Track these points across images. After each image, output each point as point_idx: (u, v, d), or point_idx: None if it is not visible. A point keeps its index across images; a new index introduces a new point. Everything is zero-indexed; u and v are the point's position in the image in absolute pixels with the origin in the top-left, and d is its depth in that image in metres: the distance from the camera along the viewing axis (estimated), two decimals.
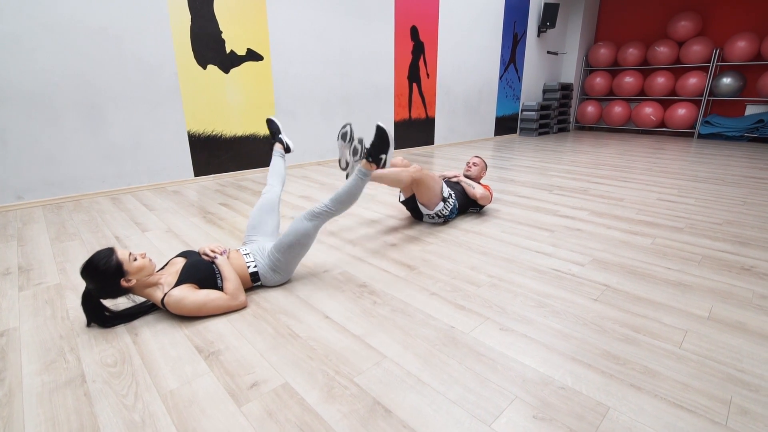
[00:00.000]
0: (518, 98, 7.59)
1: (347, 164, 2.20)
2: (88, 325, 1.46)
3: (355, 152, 2.06)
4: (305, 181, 3.84)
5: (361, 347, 1.32)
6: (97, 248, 2.21)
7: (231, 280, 1.57)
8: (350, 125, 2.15)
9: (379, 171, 2.13)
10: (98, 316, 1.44)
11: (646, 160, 5.03)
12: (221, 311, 1.53)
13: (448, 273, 1.86)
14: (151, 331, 1.43)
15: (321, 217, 1.73)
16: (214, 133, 3.93)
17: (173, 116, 3.65)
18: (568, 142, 6.76)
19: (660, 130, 8.04)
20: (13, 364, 1.27)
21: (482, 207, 2.79)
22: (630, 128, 8.37)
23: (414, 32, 5.45)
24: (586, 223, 2.57)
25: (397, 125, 5.61)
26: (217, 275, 1.58)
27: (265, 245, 1.77)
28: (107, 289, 1.40)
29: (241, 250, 1.73)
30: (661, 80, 7.40)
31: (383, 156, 1.84)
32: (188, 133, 3.76)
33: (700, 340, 1.36)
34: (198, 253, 1.67)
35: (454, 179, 2.78)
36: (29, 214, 2.88)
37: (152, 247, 2.22)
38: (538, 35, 7.47)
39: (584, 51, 8.41)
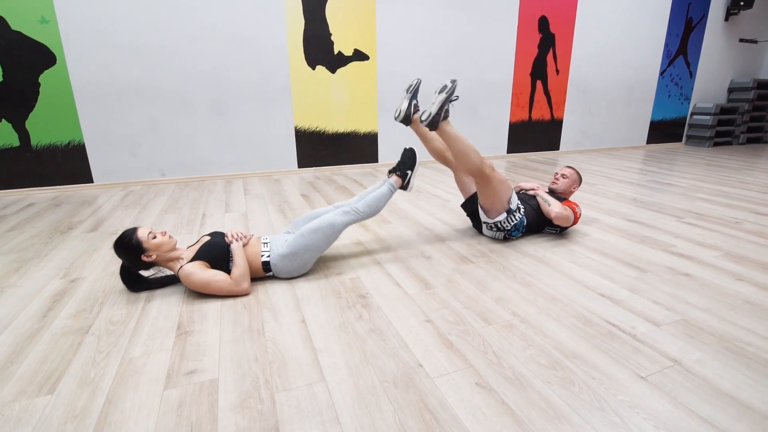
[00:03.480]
0: (687, 99, 6.07)
1: (400, 113, 2.14)
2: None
3: (411, 91, 2.16)
4: None
5: (309, 362, 1.22)
6: (183, 222, 2.60)
7: (238, 266, 1.64)
8: (419, 81, 2.13)
9: (455, 130, 1.99)
10: (128, 282, 1.67)
11: None
12: (223, 293, 1.61)
13: (464, 300, 1.58)
14: (161, 301, 1.59)
15: (351, 215, 1.84)
16: (318, 129, 4.23)
17: (283, 112, 4.05)
18: (758, 158, 5.11)
19: None
20: (61, 306, 1.57)
21: (563, 228, 2.31)
22: None
23: (543, 23, 4.85)
24: (707, 267, 1.87)
25: (513, 127, 5.11)
26: (231, 259, 1.67)
27: (288, 237, 1.80)
28: (132, 262, 1.62)
29: (261, 239, 1.80)
30: None
31: (409, 172, 2.02)
32: (295, 128, 4.13)
33: None
34: (223, 235, 1.79)
35: (531, 192, 2.36)
36: (164, 188, 3.57)
37: (222, 226, 2.50)
38: (726, 19, 5.81)
39: None
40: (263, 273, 1.75)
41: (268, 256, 1.73)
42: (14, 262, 1.99)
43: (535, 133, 5.28)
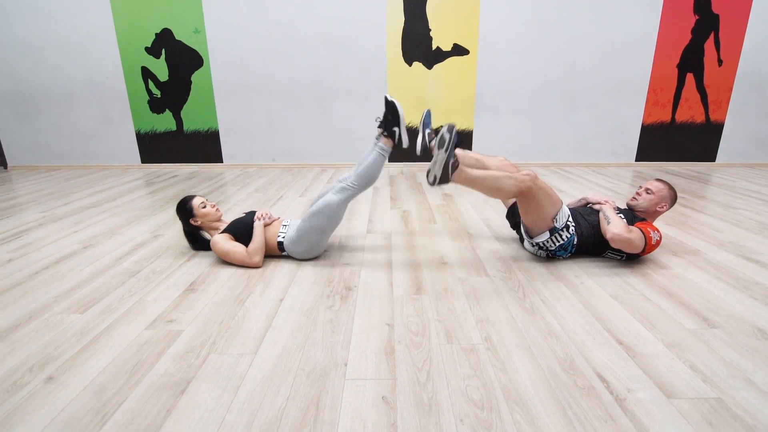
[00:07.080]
0: None
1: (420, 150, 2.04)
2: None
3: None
4: None
5: (256, 336, 1.32)
6: (261, 203, 3.00)
7: (254, 243, 1.85)
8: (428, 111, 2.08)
9: (475, 172, 1.76)
10: (189, 241, 2.04)
11: None
12: (238, 263, 1.84)
13: (445, 313, 1.46)
14: (198, 261, 1.91)
15: (346, 191, 1.85)
16: (410, 125, 4.26)
17: (381, 108, 4.21)
18: None
19: None
20: (135, 253, 2.02)
21: (632, 256, 1.87)
22: None
23: (702, 2, 3.87)
24: None
25: (647, 130, 4.25)
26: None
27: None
28: (183, 222, 1.97)
29: (283, 221, 1.98)
30: None
31: (396, 129, 1.91)
32: None
33: None
34: (254, 214, 2.03)
35: (597, 206, 1.98)
36: (270, 172, 4.14)
37: (284, 210, 2.80)
38: None
39: None
40: (278, 252, 1.92)
41: (283, 238, 1.90)
42: (133, 216, 2.62)
43: (679, 138, 4.29)
